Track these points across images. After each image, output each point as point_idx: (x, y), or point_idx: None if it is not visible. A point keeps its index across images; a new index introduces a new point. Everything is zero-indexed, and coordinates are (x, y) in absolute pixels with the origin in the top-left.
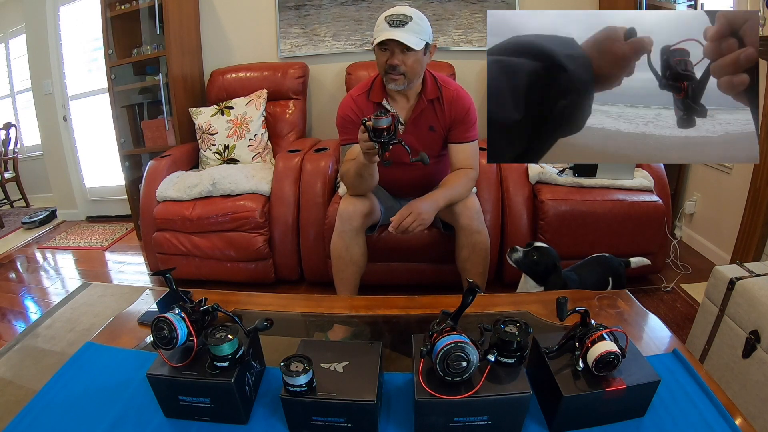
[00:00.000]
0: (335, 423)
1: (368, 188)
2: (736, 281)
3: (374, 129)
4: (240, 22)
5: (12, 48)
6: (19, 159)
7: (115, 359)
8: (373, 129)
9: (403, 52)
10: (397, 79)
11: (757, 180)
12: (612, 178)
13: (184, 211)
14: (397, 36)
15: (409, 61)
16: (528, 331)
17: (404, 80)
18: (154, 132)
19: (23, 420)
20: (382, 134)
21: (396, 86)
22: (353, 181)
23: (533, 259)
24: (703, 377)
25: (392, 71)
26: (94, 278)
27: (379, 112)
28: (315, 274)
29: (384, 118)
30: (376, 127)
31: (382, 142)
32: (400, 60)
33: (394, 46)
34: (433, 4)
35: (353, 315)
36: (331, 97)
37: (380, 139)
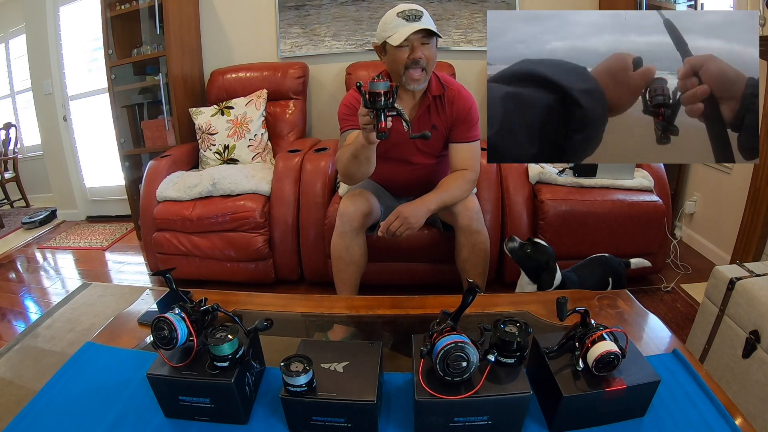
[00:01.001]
0: (335, 423)
1: (363, 174)
2: (736, 281)
3: (370, 93)
4: (240, 22)
5: (12, 48)
6: (19, 159)
7: (115, 359)
8: (368, 93)
9: (423, 44)
10: (419, 78)
11: (757, 180)
12: (612, 178)
13: (184, 211)
14: (421, 26)
15: (428, 53)
16: (528, 331)
17: (425, 76)
18: (154, 132)
19: (23, 420)
20: (377, 100)
21: (418, 85)
22: (348, 164)
23: (526, 252)
24: (703, 377)
25: (415, 66)
26: (94, 278)
27: (377, 76)
28: (315, 274)
29: (381, 82)
30: (372, 92)
31: (378, 108)
32: (422, 53)
33: (414, 40)
34: (433, 4)
35: (353, 315)
36: (331, 97)
37: (376, 105)
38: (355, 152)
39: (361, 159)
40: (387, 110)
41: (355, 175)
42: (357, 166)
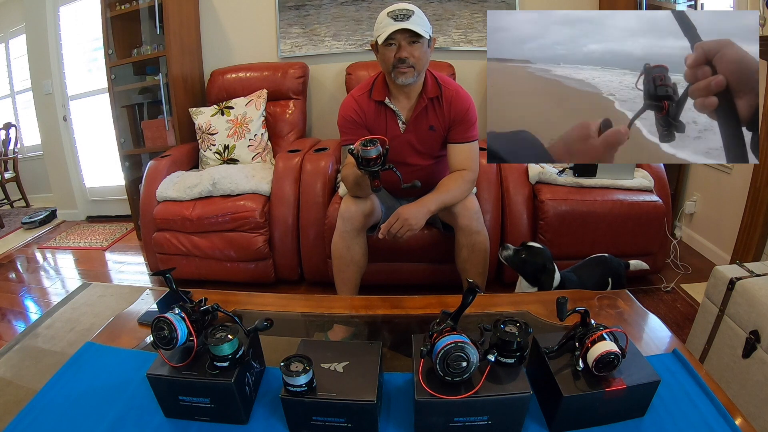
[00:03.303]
0: (335, 423)
1: (368, 194)
2: (736, 281)
3: (362, 159)
4: (240, 22)
5: (12, 48)
6: (19, 159)
7: (115, 359)
8: (361, 159)
9: (410, 44)
10: (406, 71)
11: (757, 180)
12: (612, 178)
13: (184, 211)
14: (405, 25)
15: (416, 53)
16: (528, 331)
17: (414, 72)
18: (154, 132)
19: (23, 420)
20: (370, 164)
21: (406, 79)
22: (352, 188)
23: (522, 258)
24: (703, 377)
25: (402, 65)
26: (94, 278)
27: (367, 141)
28: (315, 274)
29: (372, 148)
30: (364, 157)
31: (371, 171)
32: (408, 52)
33: (401, 40)
34: (433, 4)
35: (353, 315)
36: (331, 97)
37: (369, 167)
38: (356, 180)
39: (363, 186)
40: (380, 170)
41: (361, 194)
42: (360, 189)
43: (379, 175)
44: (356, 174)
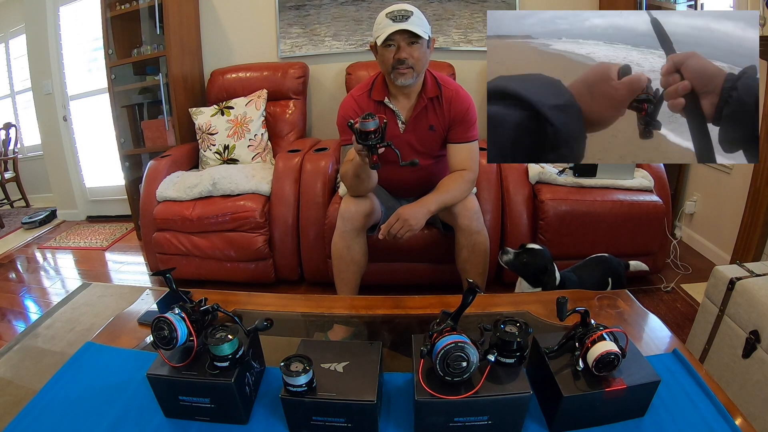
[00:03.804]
0: (335, 423)
1: (367, 189)
2: (736, 281)
3: (360, 132)
4: (240, 22)
5: (12, 48)
6: (19, 159)
7: (115, 359)
8: (359, 132)
9: (409, 45)
10: (405, 72)
11: (757, 180)
12: (612, 178)
13: (184, 211)
14: (404, 26)
15: (416, 54)
16: (528, 331)
17: (413, 73)
18: (154, 132)
19: (23, 420)
20: (368, 137)
21: (405, 80)
22: (352, 182)
23: (523, 261)
24: (703, 377)
25: (401, 66)
26: (94, 278)
27: (366, 115)
28: (315, 274)
29: (370, 121)
30: (362, 130)
31: (369, 145)
32: (408, 53)
33: (400, 40)
34: (433, 4)
35: (353, 315)
36: (331, 97)
37: (367, 141)
38: (356, 171)
39: (362, 177)
40: (378, 145)
41: (360, 190)
42: (360, 182)
43: (377, 150)
44: (355, 162)
